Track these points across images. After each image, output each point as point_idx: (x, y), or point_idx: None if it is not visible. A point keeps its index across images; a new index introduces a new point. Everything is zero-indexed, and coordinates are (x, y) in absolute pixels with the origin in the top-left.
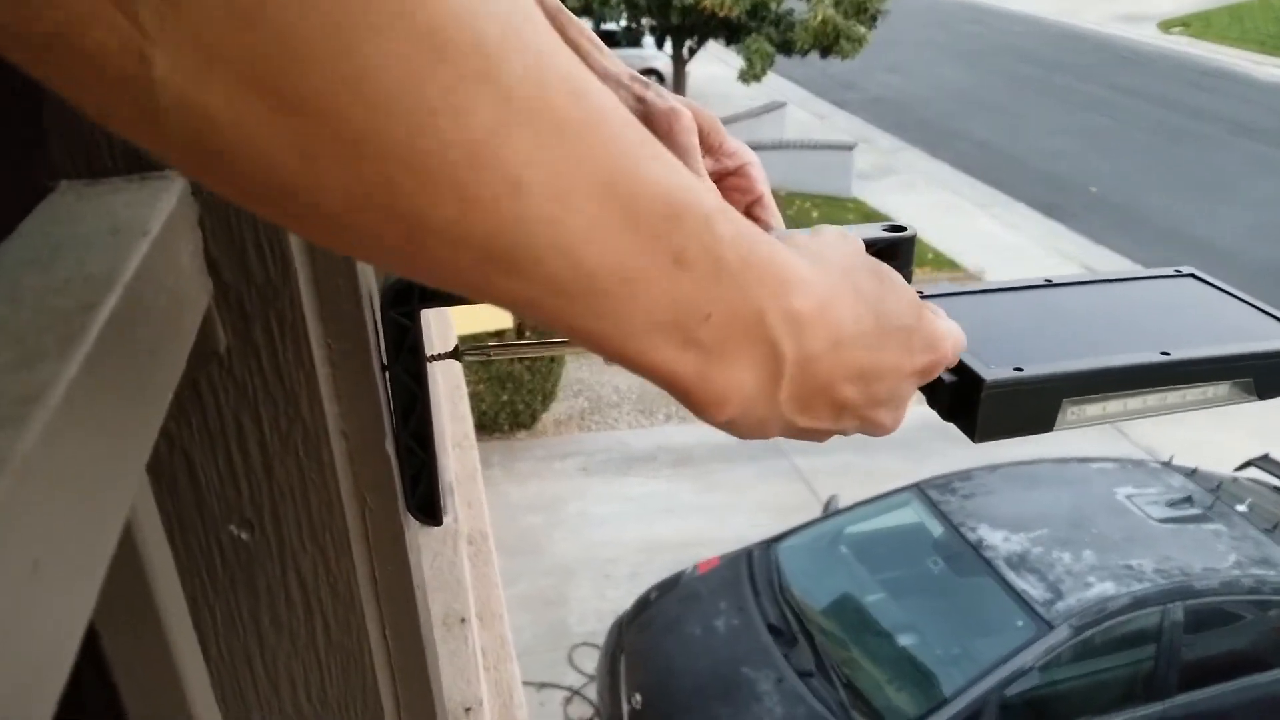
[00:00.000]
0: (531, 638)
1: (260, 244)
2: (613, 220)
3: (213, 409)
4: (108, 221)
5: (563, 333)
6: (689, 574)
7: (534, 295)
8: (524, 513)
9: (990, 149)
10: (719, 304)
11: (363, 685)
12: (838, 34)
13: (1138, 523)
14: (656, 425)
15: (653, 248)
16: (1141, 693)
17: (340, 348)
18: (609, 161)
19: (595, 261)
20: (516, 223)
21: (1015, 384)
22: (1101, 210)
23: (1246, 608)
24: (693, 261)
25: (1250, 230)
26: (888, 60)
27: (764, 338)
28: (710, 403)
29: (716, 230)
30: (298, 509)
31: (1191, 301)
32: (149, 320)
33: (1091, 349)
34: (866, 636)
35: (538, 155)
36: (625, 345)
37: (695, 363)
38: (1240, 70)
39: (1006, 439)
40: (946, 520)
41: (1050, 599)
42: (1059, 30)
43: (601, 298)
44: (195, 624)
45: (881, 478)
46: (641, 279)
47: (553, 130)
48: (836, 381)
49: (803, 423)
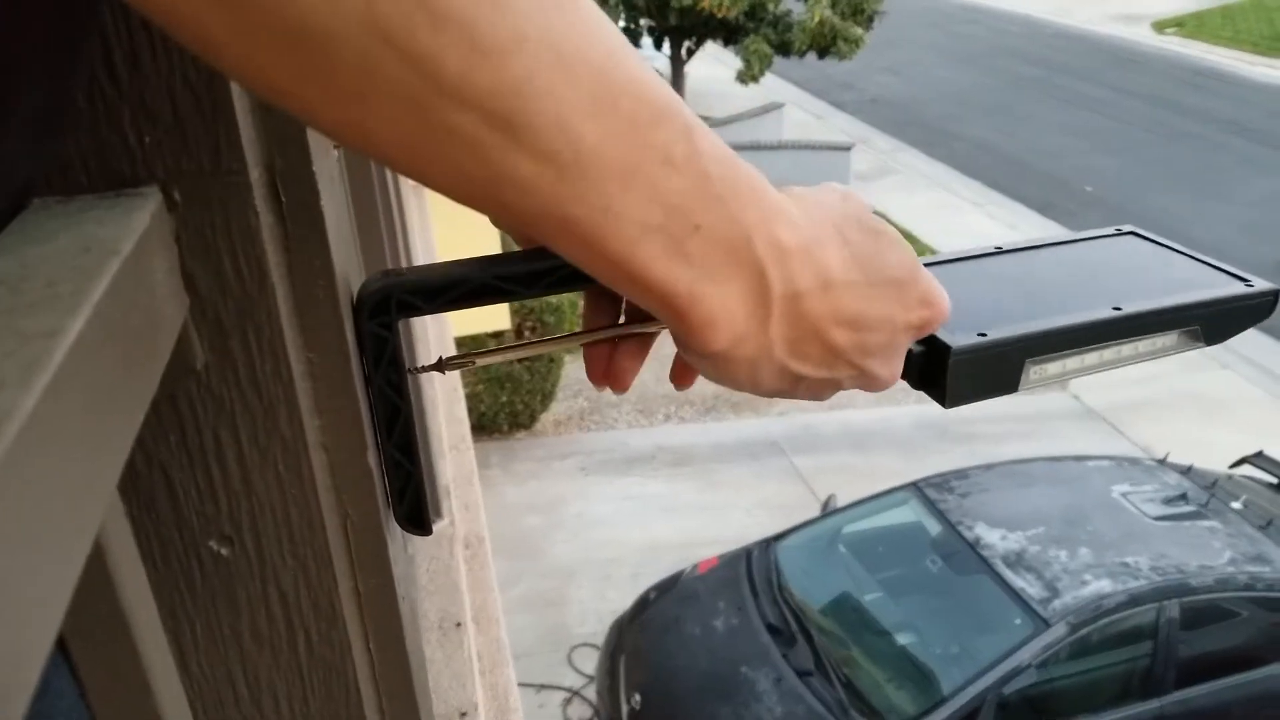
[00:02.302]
0: (531, 639)
1: (236, 256)
2: (608, 101)
3: (191, 424)
4: (79, 240)
5: (556, 227)
6: (688, 574)
7: (532, 173)
8: (523, 513)
9: (987, 148)
10: (707, 216)
11: (346, 699)
12: (835, 35)
13: (1133, 520)
14: (656, 425)
15: (645, 140)
16: (1138, 690)
17: (320, 360)
18: (604, 44)
19: (593, 141)
20: (519, 82)
21: (980, 349)
22: (1097, 209)
23: (1241, 604)
24: (680, 164)
25: (1243, 228)
26: (885, 61)
27: (751, 261)
28: (700, 324)
29: (697, 141)
30: (278, 523)
31: (1136, 257)
32: (120, 340)
33: (1048, 309)
34: (865, 635)
35: (540, 14)
36: (619, 246)
37: (686, 278)
38: (1233, 70)
39: (975, 401)
40: (944, 519)
41: (1047, 597)
42: (1054, 30)
43: (597, 183)
44: (175, 640)
45: (879, 476)
46: (636, 171)
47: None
48: (827, 324)
49: (795, 366)
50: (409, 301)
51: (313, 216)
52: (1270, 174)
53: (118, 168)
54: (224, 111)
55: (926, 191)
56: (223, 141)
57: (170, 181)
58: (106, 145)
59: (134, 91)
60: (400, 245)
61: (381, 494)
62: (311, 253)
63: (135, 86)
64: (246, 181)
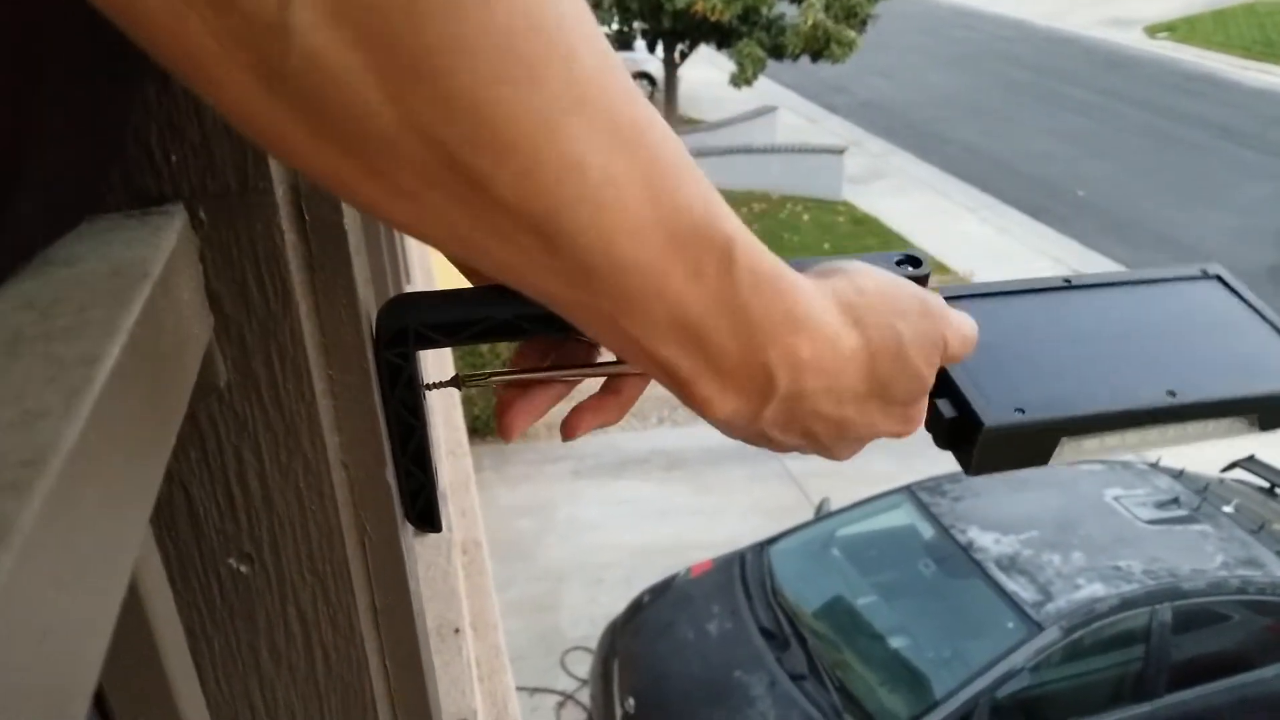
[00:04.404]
0: (524, 642)
1: (261, 275)
2: (650, 219)
3: (212, 442)
4: (108, 262)
5: (573, 309)
6: (682, 577)
7: (568, 272)
8: (516, 517)
9: (979, 152)
10: (726, 322)
11: (363, 716)
12: (828, 38)
13: (1126, 524)
14: (649, 429)
15: (680, 255)
16: (1130, 693)
17: (340, 378)
18: (656, 165)
19: (629, 256)
20: (572, 203)
21: (1015, 428)
22: (1089, 213)
23: (1234, 608)
24: (710, 278)
25: (1235, 234)
26: (878, 64)
27: (763, 365)
28: (700, 402)
29: (735, 252)
30: (297, 541)
31: (1209, 315)
32: (152, 365)
33: (1096, 382)
34: (858, 639)
35: (597, 141)
36: (635, 333)
37: (694, 368)
38: (1226, 75)
39: (1001, 471)
40: (937, 523)
41: (1040, 600)
42: (1046, 35)
43: (625, 290)
44: (193, 659)
45: (873, 480)
46: (663, 282)
47: (611, 123)
48: (815, 420)
49: (774, 436)
50: (427, 335)
51: (336, 235)
52: (1261, 179)
53: (144, 186)
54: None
55: (919, 195)
56: (249, 160)
57: (196, 200)
58: (133, 163)
59: (161, 111)
60: (400, 260)
61: (399, 510)
62: (334, 271)
63: (163, 105)
64: (272, 200)
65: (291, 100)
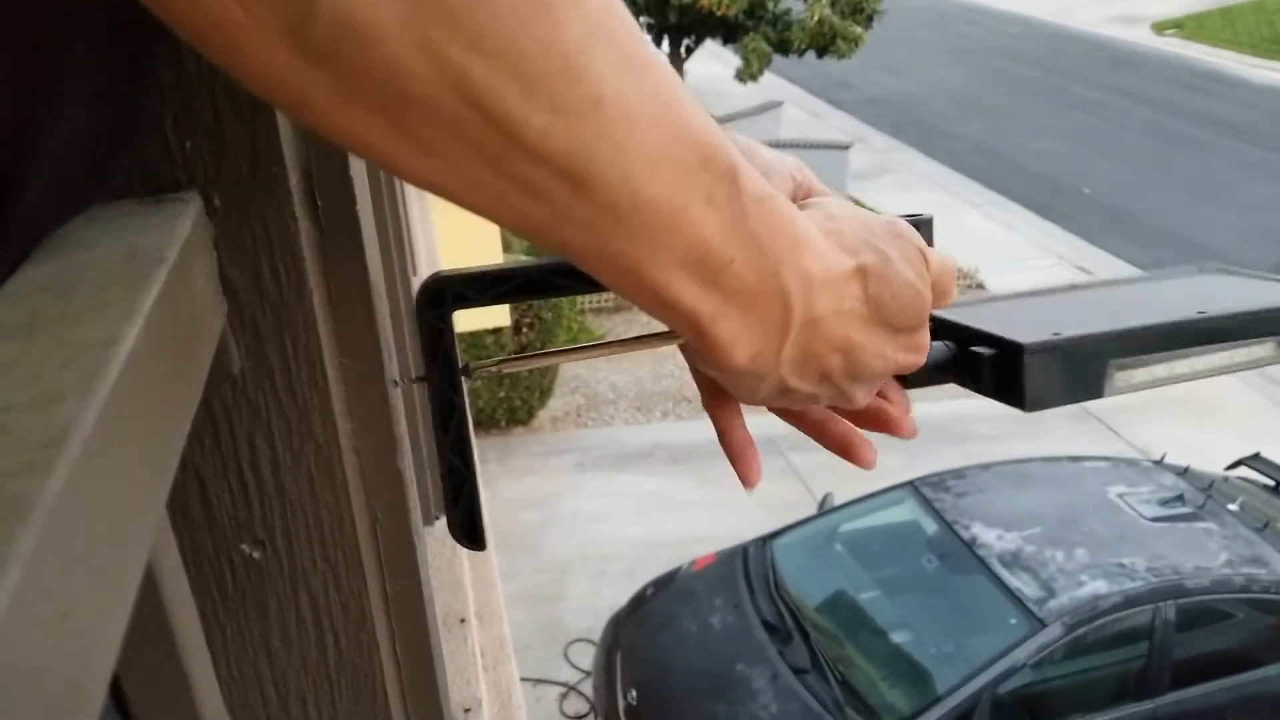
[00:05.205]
0: (527, 634)
1: (275, 262)
2: (667, 153)
3: (225, 429)
4: (123, 248)
5: (592, 258)
6: (685, 570)
7: (591, 217)
8: (520, 509)
9: (984, 149)
10: (741, 250)
11: (373, 701)
12: (834, 34)
13: (1130, 521)
14: (653, 422)
15: (693, 184)
16: (1133, 690)
17: (353, 364)
18: (663, 96)
19: (650, 191)
20: (592, 141)
21: (1054, 346)
22: (1095, 211)
23: (1238, 606)
24: (721, 204)
25: (1241, 232)
26: (883, 60)
27: (779, 290)
28: (721, 344)
29: (739, 179)
30: (309, 527)
31: (1220, 283)
32: (168, 350)
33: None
34: (861, 633)
35: (612, 76)
36: (655, 277)
37: (714, 304)
38: (1233, 72)
39: (1059, 405)
40: (940, 518)
41: (1043, 597)
42: (1053, 31)
43: (645, 227)
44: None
45: (876, 475)
46: (682, 213)
47: (622, 57)
48: (829, 353)
49: (792, 383)
50: (462, 293)
51: (349, 222)
52: (1269, 177)
53: (158, 173)
54: (264, 117)
55: (924, 191)
56: (262, 147)
57: (210, 187)
58: (148, 150)
59: (176, 97)
60: (406, 247)
61: (411, 497)
62: (347, 258)
63: (178, 92)
64: (286, 187)
65: (322, 61)
